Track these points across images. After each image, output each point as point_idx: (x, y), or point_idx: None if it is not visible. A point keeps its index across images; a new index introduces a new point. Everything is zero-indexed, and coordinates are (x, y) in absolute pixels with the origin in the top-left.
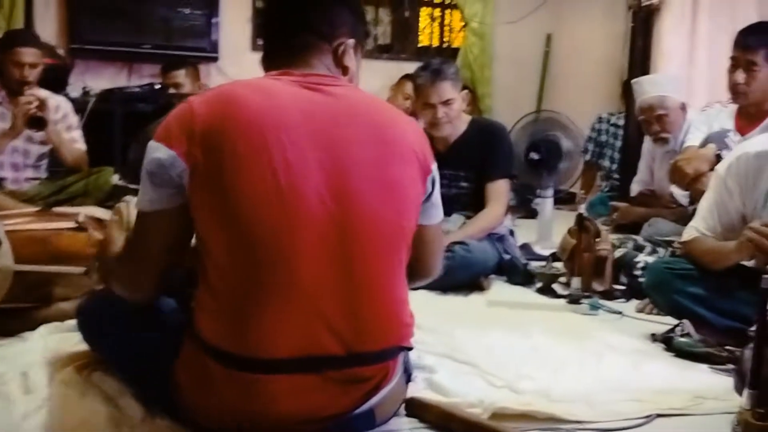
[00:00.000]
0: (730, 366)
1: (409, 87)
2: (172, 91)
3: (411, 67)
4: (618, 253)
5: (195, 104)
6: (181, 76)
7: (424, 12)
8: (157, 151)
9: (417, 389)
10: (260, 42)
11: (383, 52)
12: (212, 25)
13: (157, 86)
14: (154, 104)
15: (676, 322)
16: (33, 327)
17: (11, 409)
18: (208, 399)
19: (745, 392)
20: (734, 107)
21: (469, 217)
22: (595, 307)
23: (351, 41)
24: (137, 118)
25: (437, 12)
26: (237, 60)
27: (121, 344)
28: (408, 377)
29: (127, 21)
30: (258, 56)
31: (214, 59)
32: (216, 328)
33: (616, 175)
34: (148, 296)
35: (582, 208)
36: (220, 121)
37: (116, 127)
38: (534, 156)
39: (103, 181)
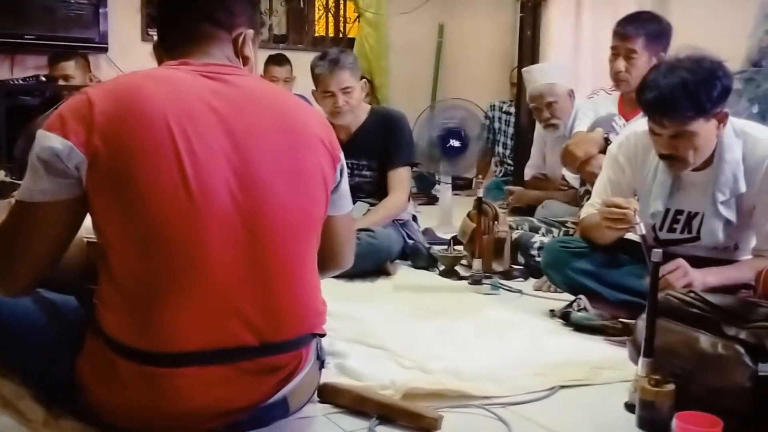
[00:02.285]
0: (625, 337)
1: (275, 70)
2: (61, 83)
3: (308, 57)
4: (515, 234)
5: (93, 95)
6: (70, 67)
7: (319, 2)
8: (50, 140)
9: (330, 375)
10: (151, 32)
11: (279, 42)
12: (100, 14)
13: (43, 78)
14: (40, 97)
15: (572, 298)
16: None
17: None
18: (115, 396)
19: (640, 361)
20: (618, 94)
21: (372, 205)
22: (495, 287)
23: (250, 31)
24: (22, 112)
25: (332, 2)
26: (127, 51)
27: (19, 345)
28: (321, 364)
29: (9, 10)
30: (149, 47)
31: (104, 50)
32: (121, 323)
33: (509, 161)
34: (20, 292)
35: (481, 193)
36: (121, 113)
37: (0, 121)
38: (455, 143)
39: None
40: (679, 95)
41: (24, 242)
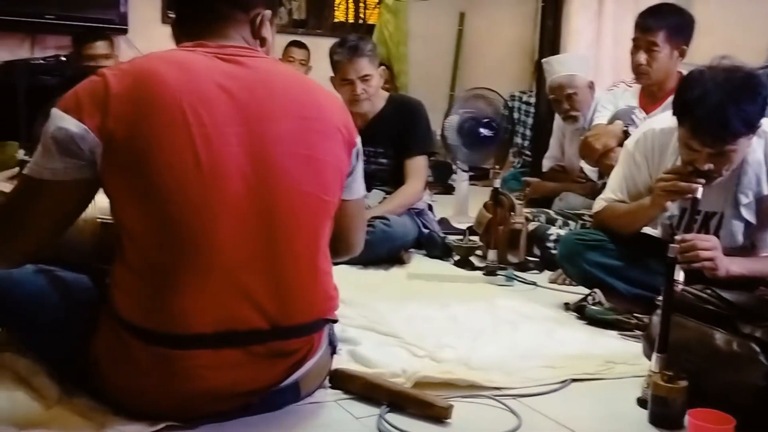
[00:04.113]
0: (639, 332)
1: (293, 51)
2: (90, 63)
3: (326, 42)
4: (531, 226)
5: (109, 77)
6: (103, 47)
7: None
8: (64, 121)
9: (341, 361)
10: (171, 14)
11: (298, 27)
12: None
13: (63, 58)
14: (59, 77)
15: (587, 291)
16: None
17: None
18: (128, 376)
19: (654, 356)
20: (638, 87)
21: (388, 193)
22: (510, 279)
23: (268, 12)
24: (42, 91)
25: None
26: (147, 33)
27: (34, 323)
28: (332, 350)
29: None
30: (168, 29)
31: (123, 31)
32: (134, 305)
33: (527, 152)
34: (16, 264)
35: (497, 184)
36: (136, 96)
37: (20, 100)
38: (486, 132)
39: (8, 155)
40: (731, 115)
41: (27, 216)
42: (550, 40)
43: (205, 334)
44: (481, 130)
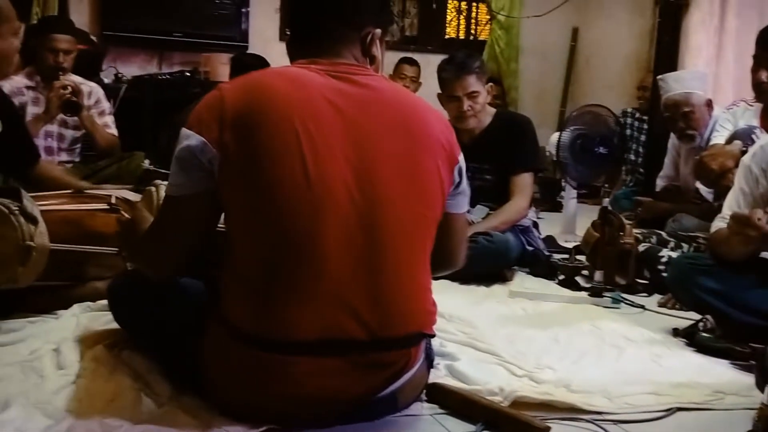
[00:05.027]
0: (752, 362)
1: (405, 68)
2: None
3: (437, 59)
4: (642, 247)
5: (226, 92)
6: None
7: (451, 5)
8: (188, 138)
9: (439, 376)
10: (288, 32)
11: (410, 43)
12: (242, 14)
13: (188, 74)
14: (184, 91)
15: (698, 317)
16: (66, 305)
17: (43, 384)
18: (233, 378)
19: (767, 389)
20: (759, 106)
21: (493, 209)
22: (617, 301)
23: (378, 30)
24: (167, 105)
25: (464, 5)
26: (265, 49)
27: (150, 323)
28: (430, 364)
29: (159, 9)
30: (285, 46)
31: (244, 48)
32: (241, 310)
33: (640, 170)
34: (167, 275)
35: (606, 202)
36: (250, 110)
37: (147, 113)
38: (602, 150)
39: (134, 165)
40: None
41: (170, 232)
42: (666, 55)
43: (307, 341)
44: (597, 147)
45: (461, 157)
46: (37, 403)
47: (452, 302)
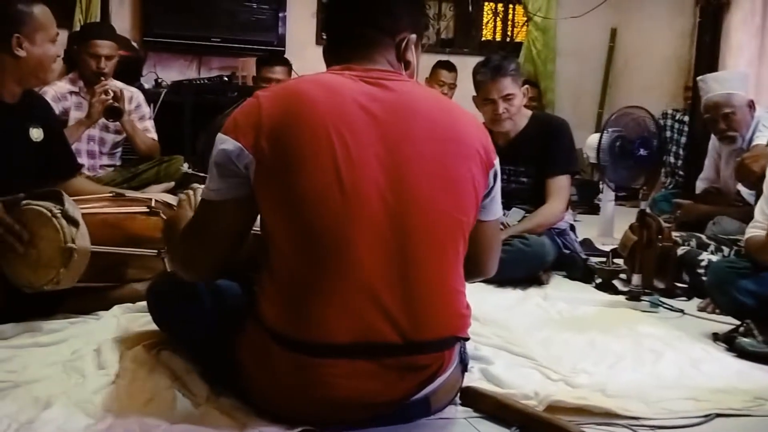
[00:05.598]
0: None
1: (443, 74)
2: (264, 86)
3: (473, 61)
4: (681, 250)
5: (262, 99)
6: (281, 72)
7: (487, 7)
8: (224, 143)
9: (473, 379)
10: (324, 36)
11: (446, 46)
12: (279, 19)
13: (226, 78)
14: (222, 96)
15: (738, 322)
16: (107, 306)
17: (84, 383)
18: (269, 380)
19: None
20: None
21: (528, 212)
22: (655, 305)
23: (413, 36)
24: (206, 109)
25: (500, 7)
26: (302, 54)
27: (187, 325)
28: (464, 367)
29: (198, 15)
30: (321, 50)
31: (281, 53)
32: (276, 312)
33: (680, 172)
34: (204, 277)
35: (644, 205)
36: (286, 117)
37: (186, 117)
38: (642, 152)
39: (173, 168)
40: None
41: (207, 236)
42: (707, 56)
43: (342, 344)
44: (637, 149)
45: (497, 161)
46: (78, 402)
47: (487, 305)
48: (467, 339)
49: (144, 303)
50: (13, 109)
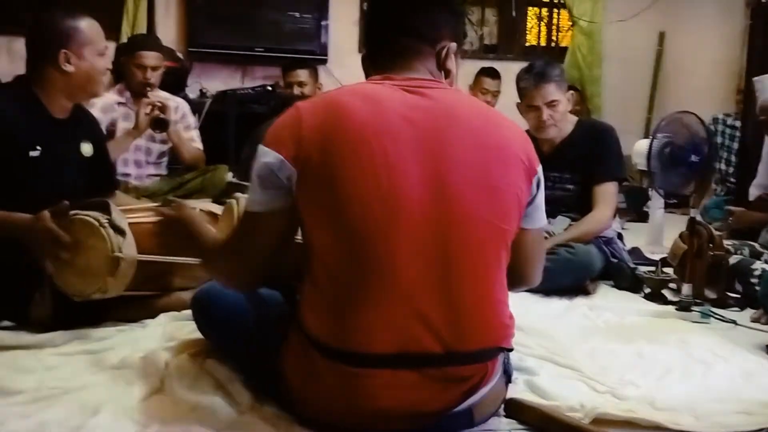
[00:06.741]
0: None
1: (486, 82)
2: (296, 91)
3: (517, 66)
4: (733, 259)
5: (303, 111)
6: (304, 75)
7: (532, 12)
8: (266, 155)
9: (517, 391)
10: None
11: (489, 52)
12: (322, 27)
13: (269, 88)
14: (266, 105)
15: None
16: (153, 315)
17: (131, 391)
18: (311, 389)
19: None
20: None
21: (574, 220)
22: (706, 315)
23: (453, 45)
24: (250, 119)
25: (545, 11)
26: (344, 62)
27: (232, 333)
28: (508, 378)
29: (242, 25)
30: None
31: (323, 62)
32: (319, 321)
33: (731, 179)
34: (247, 288)
35: (695, 212)
36: (326, 129)
37: (230, 127)
38: (694, 158)
39: (218, 178)
40: None
41: (249, 247)
42: (759, 58)
43: (385, 354)
44: (688, 155)
45: (540, 168)
46: (125, 409)
47: (532, 315)
48: (511, 349)
49: (189, 311)
50: (65, 125)
